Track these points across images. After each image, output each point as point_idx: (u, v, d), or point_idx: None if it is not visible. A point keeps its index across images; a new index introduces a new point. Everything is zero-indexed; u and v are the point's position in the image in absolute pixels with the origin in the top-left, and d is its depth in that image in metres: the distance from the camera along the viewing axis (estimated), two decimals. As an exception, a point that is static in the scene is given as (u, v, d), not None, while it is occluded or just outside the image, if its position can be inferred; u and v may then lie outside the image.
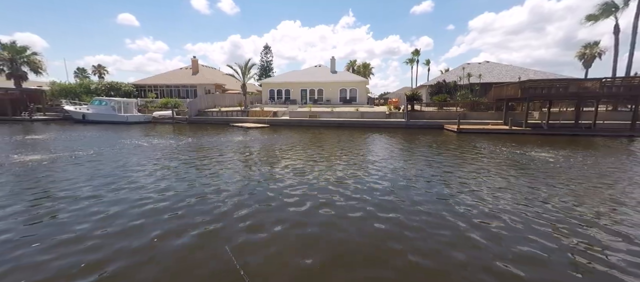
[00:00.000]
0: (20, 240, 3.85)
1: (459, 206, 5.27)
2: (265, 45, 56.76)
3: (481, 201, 5.55)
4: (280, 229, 4.28)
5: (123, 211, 4.82)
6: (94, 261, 3.37)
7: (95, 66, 56.51)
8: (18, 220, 4.47)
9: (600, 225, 4.49)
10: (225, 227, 4.31)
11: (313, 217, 4.73)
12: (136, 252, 3.58)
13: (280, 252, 3.67)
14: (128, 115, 24.34)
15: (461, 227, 4.38)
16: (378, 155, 10.46)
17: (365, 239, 4.04)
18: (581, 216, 4.82)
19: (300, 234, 4.14)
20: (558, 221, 4.61)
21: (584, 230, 4.31)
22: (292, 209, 5.03)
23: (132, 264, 3.34)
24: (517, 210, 5.07)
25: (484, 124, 20.08)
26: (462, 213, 4.92)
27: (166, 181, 6.69)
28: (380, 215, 4.80)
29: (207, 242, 3.85)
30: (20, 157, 9.16)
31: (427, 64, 59.38)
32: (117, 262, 3.36)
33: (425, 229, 4.32)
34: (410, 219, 4.64)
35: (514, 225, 4.45)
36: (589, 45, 32.86)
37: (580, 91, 17.08)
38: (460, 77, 28.65)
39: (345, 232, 4.22)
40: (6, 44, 28.27)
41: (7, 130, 17.38)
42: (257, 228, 4.29)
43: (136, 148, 11.30)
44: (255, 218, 4.64)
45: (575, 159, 9.74)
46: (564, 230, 4.31)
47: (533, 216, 4.79)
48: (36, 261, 3.36)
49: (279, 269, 3.33)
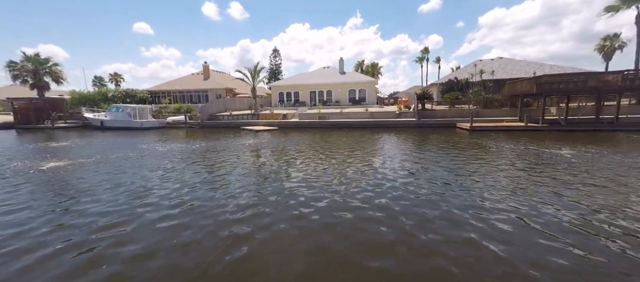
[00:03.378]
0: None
1: (475, 207, 5.15)
2: (274, 49, 57.26)
3: (509, 205, 5.37)
4: (296, 230, 4.32)
5: (157, 207, 5.00)
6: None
7: (112, 74, 58.59)
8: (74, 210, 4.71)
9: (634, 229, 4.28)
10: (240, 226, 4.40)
11: (327, 220, 4.75)
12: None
13: (298, 251, 3.71)
14: (143, 121, 25.12)
15: (481, 228, 4.29)
16: (389, 155, 10.38)
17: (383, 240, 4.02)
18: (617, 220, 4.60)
19: (313, 239, 4.16)
20: (590, 226, 4.37)
21: (624, 237, 3.96)
22: (306, 211, 5.06)
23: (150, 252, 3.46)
24: (545, 213, 4.90)
25: (498, 121, 19.54)
26: (482, 216, 4.81)
27: (189, 186, 6.87)
28: (401, 218, 4.75)
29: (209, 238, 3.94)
30: (55, 162, 9.63)
31: (438, 62, 58.34)
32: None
33: (442, 232, 4.25)
34: (425, 225, 4.57)
35: (543, 230, 4.31)
36: (609, 37, 31.47)
37: (600, 85, 16.37)
38: (472, 74, 28.03)
39: (364, 231, 4.21)
40: (30, 56, 29.84)
41: (32, 137, 18.29)
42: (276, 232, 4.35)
43: (154, 152, 11.65)
44: (272, 221, 4.70)
45: (601, 155, 9.33)
46: (598, 235, 4.13)
47: (565, 221, 4.61)
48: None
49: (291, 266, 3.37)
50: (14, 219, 4.81)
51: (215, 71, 45.72)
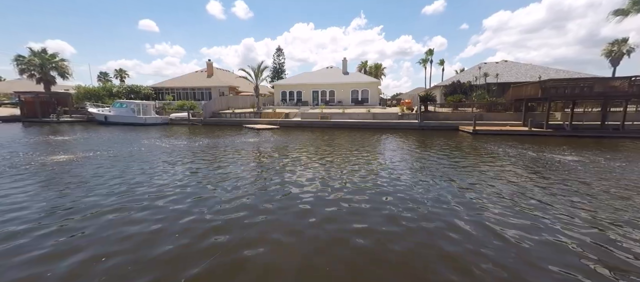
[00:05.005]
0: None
1: (472, 209, 5.12)
2: (277, 48, 57.34)
3: (511, 212, 5.34)
4: (294, 233, 4.32)
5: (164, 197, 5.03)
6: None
7: (117, 70, 59.19)
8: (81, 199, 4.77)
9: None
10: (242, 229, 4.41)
11: (323, 224, 4.74)
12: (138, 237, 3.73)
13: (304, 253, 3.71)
14: (146, 117, 25.28)
15: (479, 233, 4.26)
16: (390, 156, 10.35)
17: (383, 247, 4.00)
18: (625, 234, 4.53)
19: (313, 240, 4.16)
20: (597, 239, 4.30)
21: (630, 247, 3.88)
22: (302, 214, 5.06)
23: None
24: (548, 223, 4.85)
25: (502, 125, 19.36)
26: (480, 220, 4.77)
27: (189, 181, 6.91)
28: (406, 224, 4.74)
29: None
30: (58, 156, 9.75)
31: (441, 64, 58.17)
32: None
33: (446, 236, 4.22)
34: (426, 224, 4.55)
35: (543, 238, 4.27)
36: (617, 42, 31.10)
37: (607, 90, 16.15)
38: (476, 77, 27.83)
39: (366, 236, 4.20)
40: (37, 51, 30.22)
41: (37, 130, 18.51)
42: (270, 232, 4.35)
43: (157, 148, 11.73)
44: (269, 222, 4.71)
45: (607, 162, 9.21)
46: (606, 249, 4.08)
47: (569, 232, 4.57)
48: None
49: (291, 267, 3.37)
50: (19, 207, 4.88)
51: (218, 69, 45.93)
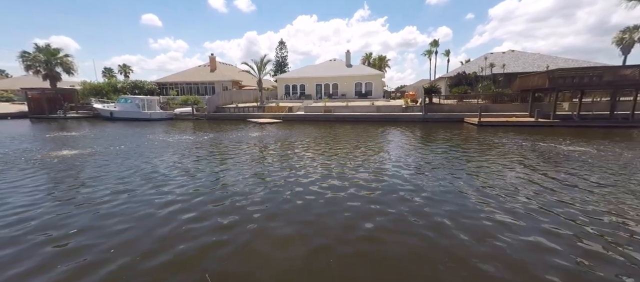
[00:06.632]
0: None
1: (477, 199, 5.11)
2: (280, 41, 56.76)
3: (517, 206, 5.31)
4: (293, 229, 4.37)
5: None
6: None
7: (121, 66, 59.50)
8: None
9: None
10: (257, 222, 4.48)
11: (327, 219, 4.78)
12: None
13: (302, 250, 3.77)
14: (151, 112, 25.47)
15: (487, 225, 4.27)
16: (393, 149, 10.33)
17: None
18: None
19: (313, 237, 4.21)
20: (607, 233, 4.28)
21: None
22: (309, 206, 5.10)
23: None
24: (557, 215, 4.83)
25: (508, 116, 19.12)
26: (487, 209, 4.77)
27: (193, 177, 7.00)
28: (413, 220, 4.76)
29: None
30: (67, 151, 9.94)
31: (447, 55, 57.09)
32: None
33: (450, 229, 4.24)
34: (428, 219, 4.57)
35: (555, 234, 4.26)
36: (628, 29, 30.25)
37: (616, 79, 15.77)
38: (482, 68, 27.34)
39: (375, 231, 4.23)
40: (42, 47, 30.41)
41: (46, 127, 18.79)
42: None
43: (164, 143, 11.86)
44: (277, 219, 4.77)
45: (616, 153, 9.08)
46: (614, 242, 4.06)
47: (579, 226, 4.54)
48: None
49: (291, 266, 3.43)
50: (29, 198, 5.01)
51: (221, 63, 45.85)
